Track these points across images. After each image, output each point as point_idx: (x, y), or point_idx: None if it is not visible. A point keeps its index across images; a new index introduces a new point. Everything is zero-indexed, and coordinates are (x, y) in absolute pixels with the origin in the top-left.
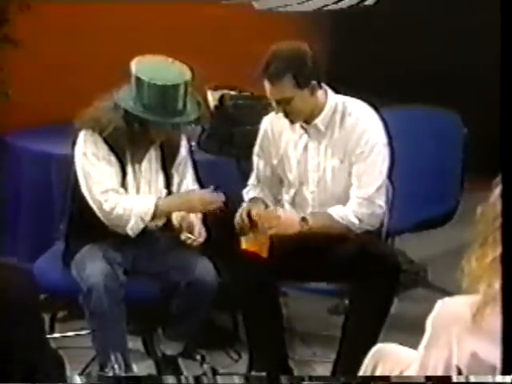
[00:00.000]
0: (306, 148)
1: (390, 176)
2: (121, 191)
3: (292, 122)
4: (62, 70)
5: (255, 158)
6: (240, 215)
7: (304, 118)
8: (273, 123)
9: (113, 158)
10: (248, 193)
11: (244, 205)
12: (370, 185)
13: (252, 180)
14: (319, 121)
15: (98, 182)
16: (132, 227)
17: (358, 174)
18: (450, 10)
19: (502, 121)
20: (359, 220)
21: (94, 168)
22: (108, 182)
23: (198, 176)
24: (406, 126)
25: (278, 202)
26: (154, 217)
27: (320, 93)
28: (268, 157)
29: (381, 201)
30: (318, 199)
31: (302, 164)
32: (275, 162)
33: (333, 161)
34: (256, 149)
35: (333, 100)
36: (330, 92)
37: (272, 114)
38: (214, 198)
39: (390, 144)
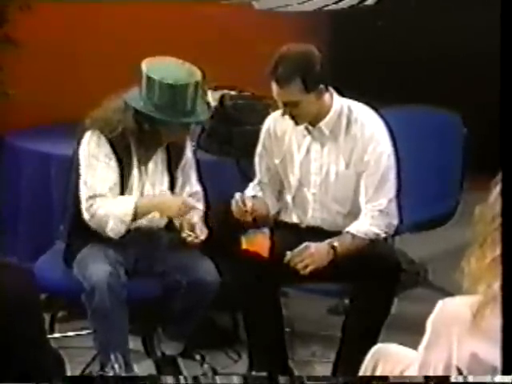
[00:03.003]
0: (308, 150)
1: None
2: (108, 195)
3: (297, 123)
4: (62, 70)
5: (257, 158)
6: (237, 205)
7: (309, 120)
8: (276, 122)
9: (113, 162)
10: (249, 192)
11: (237, 196)
12: (382, 197)
13: (254, 181)
14: (324, 124)
15: (90, 187)
16: (112, 229)
17: (369, 186)
18: (451, 11)
19: (502, 121)
20: (384, 232)
21: (91, 171)
22: (98, 187)
23: (201, 177)
24: (406, 126)
25: (280, 201)
26: (135, 217)
27: (326, 96)
28: (270, 156)
29: (395, 211)
30: (319, 201)
31: (304, 165)
32: (277, 161)
33: (337, 165)
34: (258, 148)
35: (338, 103)
36: (335, 95)
37: (276, 113)
38: (192, 206)
39: (396, 152)
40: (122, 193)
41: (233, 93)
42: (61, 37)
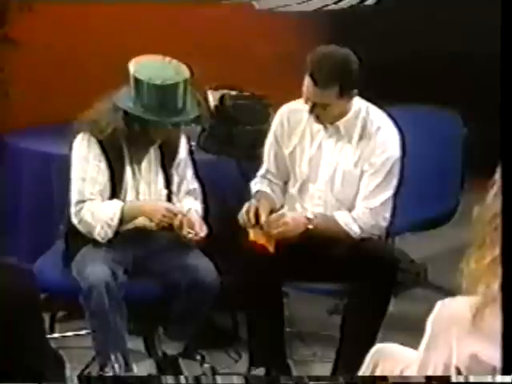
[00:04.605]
0: (320, 146)
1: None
2: (97, 199)
3: (320, 121)
4: (62, 70)
5: (267, 146)
6: (246, 213)
7: (332, 120)
8: (290, 113)
9: (103, 164)
10: (256, 184)
11: (252, 201)
12: (376, 197)
13: (262, 170)
14: (341, 123)
15: (78, 192)
16: (99, 233)
17: (368, 186)
18: (451, 11)
19: (502, 121)
20: (361, 229)
21: (80, 173)
22: (87, 191)
23: (199, 176)
24: (406, 125)
25: (284, 194)
26: (121, 222)
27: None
28: (280, 145)
29: (386, 213)
30: (323, 198)
31: (314, 161)
32: (287, 152)
33: (346, 164)
34: (270, 137)
35: (357, 104)
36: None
37: (291, 104)
38: (177, 212)
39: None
40: (116, 194)
41: (233, 93)
42: (61, 37)
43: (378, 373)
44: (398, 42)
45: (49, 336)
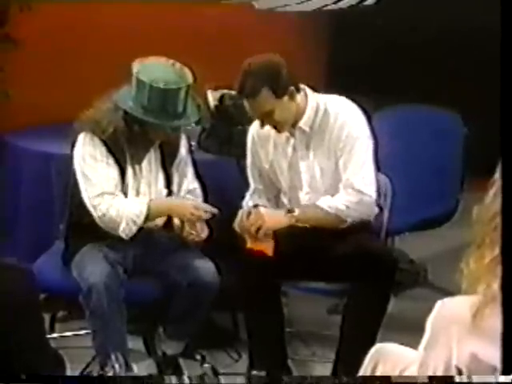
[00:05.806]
0: (294, 150)
1: (388, 174)
2: (117, 193)
3: (279, 131)
4: (62, 70)
5: (249, 166)
6: (241, 218)
7: (290, 124)
8: (258, 129)
9: (111, 161)
10: (247, 203)
11: (244, 208)
12: (354, 175)
13: (250, 190)
14: (303, 123)
15: (94, 185)
16: (124, 229)
17: (343, 167)
18: (451, 11)
19: (502, 120)
20: (346, 207)
21: (91, 170)
22: (104, 185)
23: (199, 175)
24: (407, 125)
25: (277, 206)
26: (146, 219)
27: (300, 96)
28: (259, 162)
29: (369, 190)
30: (313, 199)
31: (293, 167)
32: (267, 166)
33: (320, 160)
34: (248, 157)
35: (313, 100)
36: (309, 92)
37: (256, 122)
38: (205, 208)
39: (374, 136)
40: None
41: (233, 92)
42: (61, 37)
43: (377, 373)
44: (397, 42)
45: (49, 336)
